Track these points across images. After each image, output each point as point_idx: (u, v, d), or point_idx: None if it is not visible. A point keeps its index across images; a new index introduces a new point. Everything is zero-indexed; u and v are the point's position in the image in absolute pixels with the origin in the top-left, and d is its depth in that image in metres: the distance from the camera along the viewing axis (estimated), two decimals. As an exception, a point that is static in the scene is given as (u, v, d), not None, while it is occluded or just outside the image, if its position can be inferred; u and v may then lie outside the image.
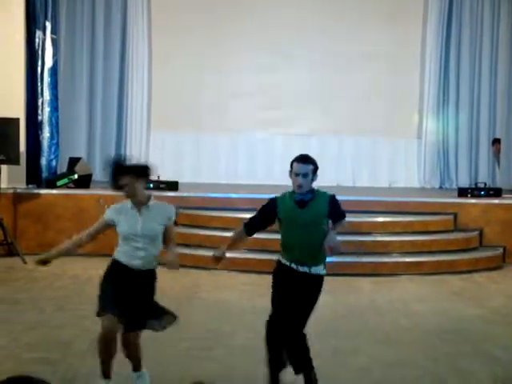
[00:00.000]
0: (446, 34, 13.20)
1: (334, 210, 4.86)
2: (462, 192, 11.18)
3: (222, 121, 13.16)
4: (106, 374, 4.81)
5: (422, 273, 9.49)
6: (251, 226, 5.00)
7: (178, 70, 13.19)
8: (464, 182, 12.98)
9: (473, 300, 8.21)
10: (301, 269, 4.75)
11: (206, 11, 13.23)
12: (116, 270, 4.93)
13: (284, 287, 4.79)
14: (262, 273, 9.26)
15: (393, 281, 9.18)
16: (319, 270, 4.81)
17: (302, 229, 4.71)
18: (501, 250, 10.45)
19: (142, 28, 13.13)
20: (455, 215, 10.57)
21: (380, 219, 10.29)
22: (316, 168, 4.83)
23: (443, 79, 13.27)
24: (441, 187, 13.20)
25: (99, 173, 12.92)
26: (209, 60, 13.23)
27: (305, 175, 4.75)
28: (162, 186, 10.92)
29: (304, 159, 4.84)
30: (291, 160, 4.89)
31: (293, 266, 4.76)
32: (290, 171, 4.82)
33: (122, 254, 4.97)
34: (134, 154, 13.24)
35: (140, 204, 4.87)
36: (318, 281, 4.81)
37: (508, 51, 13.07)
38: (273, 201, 4.89)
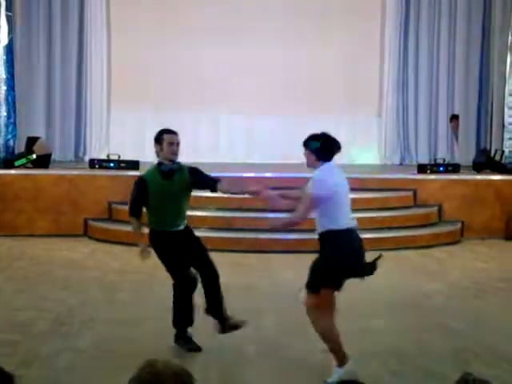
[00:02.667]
0: (405, 13, 13.24)
1: (200, 176, 5.45)
2: (422, 168, 11.30)
3: (183, 98, 13.02)
4: None
5: (383, 249, 9.50)
6: (137, 211, 5.47)
7: (137, 46, 12.99)
8: (424, 158, 13.11)
9: (432, 275, 8.34)
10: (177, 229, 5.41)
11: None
12: None
13: (175, 249, 5.37)
14: (222, 251, 9.29)
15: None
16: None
17: (171, 197, 5.26)
18: (459, 224, 10.61)
19: (100, 2, 12.88)
20: (415, 191, 10.68)
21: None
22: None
23: (402, 57, 13.33)
24: (401, 164, 13.31)
25: (59, 152, 12.74)
26: (168, 34, 13.05)
27: (178, 144, 5.36)
28: (122, 165, 10.82)
29: (174, 131, 5.43)
30: (162, 132, 5.38)
31: (168, 229, 5.38)
32: (159, 142, 5.31)
33: None
34: (95, 132, 13.08)
35: None
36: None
37: (465, 27, 13.19)
38: (142, 180, 5.41)
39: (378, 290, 7.46)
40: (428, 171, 11.18)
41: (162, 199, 5.33)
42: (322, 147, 5.03)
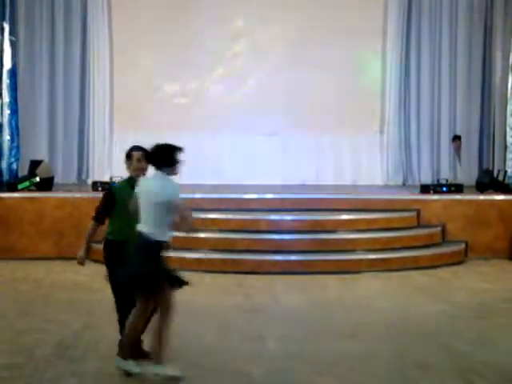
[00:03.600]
0: (407, 29, 13.31)
1: None
2: (425, 188, 11.30)
3: (186, 120, 13.08)
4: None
5: (387, 269, 9.57)
6: (102, 219, 5.79)
7: (138, 69, 13.10)
8: (427, 178, 13.13)
9: (436, 295, 8.31)
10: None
11: (168, 5, 13.13)
12: None
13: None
14: (225, 272, 9.28)
15: (358, 278, 9.24)
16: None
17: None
18: (463, 245, 10.59)
19: (103, 28, 12.99)
20: (418, 212, 10.68)
21: (344, 217, 10.35)
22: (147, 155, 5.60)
23: (404, 77, 13.40)
24: (404, 184, 13.33)
25: (61, 175, 12.78)
26: (169, 58, 13.14)
27: (140, 160, 5.69)
28: (125, 187, 10.81)
29: (136, 148, 5.77)
30: (132, 149, 5.76)
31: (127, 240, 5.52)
32: (129, 158, 5.73)
33: None
34: (97, 155, 13.13)
35: None
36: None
37: (467, 48, 13.28)
38: (111, 191, 5.78)
39: (381, 310, 7.45)
40: (431, 191, 11.18)
41: (127, 210, 5.53)
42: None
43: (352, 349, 6.10)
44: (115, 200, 5.67)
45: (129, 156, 5.77)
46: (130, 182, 5.68)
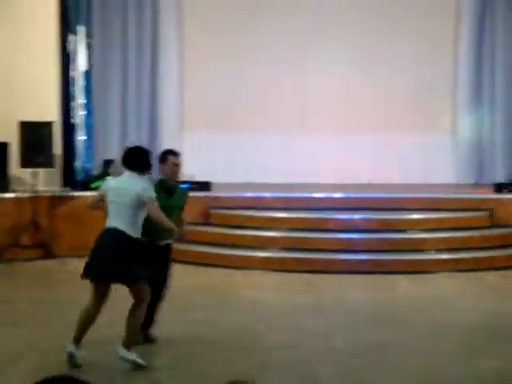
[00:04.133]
0: (480, 24, 12.97)
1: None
2: (498, 187, 11.02)
3: (256, 119, 13.12)
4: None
5: (459, 270, 9.38)
6: None
7: (209, 70, 13.18)
8: (500, 176, 12.79)
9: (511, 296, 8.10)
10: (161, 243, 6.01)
11: (239, 5, 13.20)
12: None
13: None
14: (295, 271, 9.27)
15: (429, 278, 9.09)
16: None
17: (167, 211, 5.62)
18: (539, 245, 10.27)
19: (174, 28, 13.14)
20: (491, 211, 10.42)
21: (415, 216, 10.21)
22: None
23: (476, 73, 13.08)
24: (476, 183, 13.02)
25: (133, 174, 13.01)
26: (238, 58, 13.20)
27: (180, 165, 6.02)
28: (195, 186, 10.96)
29: (175, 152, 6.06)
30: (165, 152, 6.07)
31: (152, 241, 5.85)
32: (163, 162, 5.95)
33: None
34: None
35: None
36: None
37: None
38: None
39: (454, 311, 7.31)
40: (505, 190, 10.89)
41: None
42: None
43: (425, 349, 6.01)
44: None
45: (163, 160, 5.97)
46: (164, 185, 5.94)
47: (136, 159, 5.60)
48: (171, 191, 6.00)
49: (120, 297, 5.74)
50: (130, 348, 5.51)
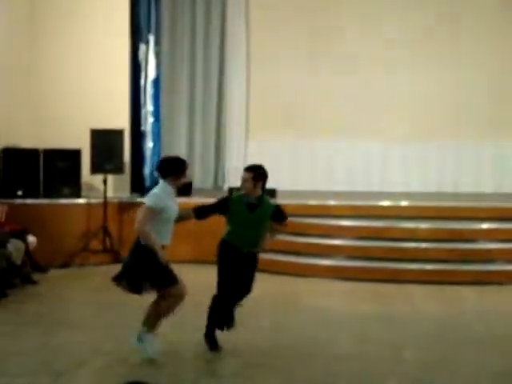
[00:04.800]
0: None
1: (278, 216, 6.15)
2: None
3: (320, 125, 13.07)
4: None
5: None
6: (202, 214, 6.42)
7: (275, 76, 13.21)
8: None
9: None
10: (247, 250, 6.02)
11: (304, 9, 13.18)
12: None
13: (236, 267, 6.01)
14: (360, 280, 9.19)
15: (498, 290, 8.87)
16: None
17: (249, 226, 5.95)
18: None
19: (240, 34, 13.24)
20: None
21: (484, 226, 9.98)
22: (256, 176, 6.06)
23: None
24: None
25: (198, 181, 13.16)
26: (303, 62, 13.19)
27: (248, 181, 6.06)
28: (260, 193, 10.99)
29: (246, 168, 6.22)
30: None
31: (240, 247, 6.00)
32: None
33: None
34: (233, 160, 13.40)
35: None
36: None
37: None
38: (226, 199, 6.29)
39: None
40: None
41: (242, 226, 6.00)
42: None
43: (492, 362, 5.87)
44: (227, 208, 6.11)
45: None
46: (244, 200, 6.08)
47: (159, 168, 6.17)
48: (253, 207, 6.07)
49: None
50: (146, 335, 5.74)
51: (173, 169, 6.00)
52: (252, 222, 6.02)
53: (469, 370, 5.71)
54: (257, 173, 6.07)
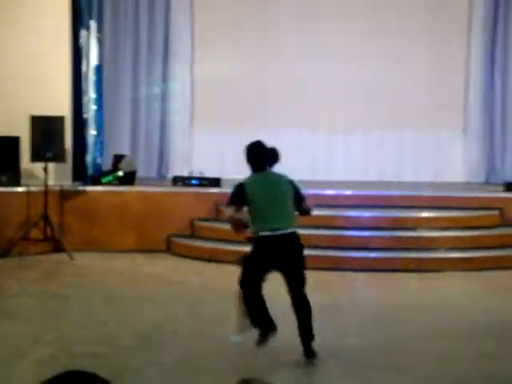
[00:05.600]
0: (493, 22, 12.89)
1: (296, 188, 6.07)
2: (509, 186, 10.97)
3: (264, 115, 13.09)
4: None
5: (470, 269, 9.34)
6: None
7: (220, 64, 13.18)
8: (511, 176, 12.72)
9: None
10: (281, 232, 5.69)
11: (248, 4, 13.17)
12: None
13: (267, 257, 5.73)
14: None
15: (439, 277, 9.05)
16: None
17: (273, 197, 5.81)
18: (549, 245, 10.23)
19: (185, 25, 13.15)
20: (502, 210, 10.37)
21: (424, 214, 10.17)
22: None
23: (489, 71, 13.02)
24: (487, 181, 12.96)
25: (143, 170, 13.03)
26: (248, 53, 13.17)
27: None
28: (204, 182, 10.97)
29: None
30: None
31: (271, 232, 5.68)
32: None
33: None
34: (178, 150, 13.31)
35: None
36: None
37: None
38: (241, 185, 5.92)
39: (464, 311, 7.28)
40: (515, 189, 10.84)
41: (264, 199, 5.73)
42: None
43: (433, 350, 5.99)
44: (245, 193, 5.80)
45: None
46: (260, 174, 6.00)
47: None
48: (268, 177, 6.06)
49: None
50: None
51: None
52: (272, 191, 5.90)
53: (409, 356, 5.81)
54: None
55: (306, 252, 5.95)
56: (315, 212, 6.48)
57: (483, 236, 9.93)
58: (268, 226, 5.64)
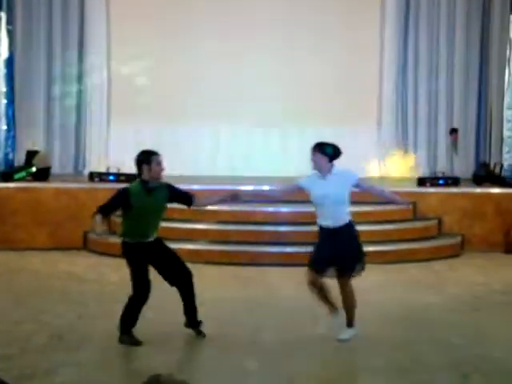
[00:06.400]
0: (404, 18, 13.25)
1: (177, 192, 6.01)
2: (421, 181, 11.30)
3: (183, 110, 13.03)
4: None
5: (382, 262, 9.56)
6: (108, 212, 5.91)
7: (136, 60, 13.04)
8: (423, 171, 13.11)
9: (432, 288, 8.32)
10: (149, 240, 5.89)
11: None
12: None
13: (145, 259, 5.91)
14: (223, 264, 9.26)
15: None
16: None
17: (151, 212, 5.83)
18: (459, 238, 10.60)
19: (100, 15, 12.91)
20: (414, 204, 10.66)
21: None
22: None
23: (402, 68, 13.36)
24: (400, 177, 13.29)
25: (58, 166, 12.74)
26: (166, 48, 13.08)
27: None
28: (122, 178, 10.83)
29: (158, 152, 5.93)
30: (150, 154, 5.86)
31: (141, 240, 5.84)
32: (149, 163, 5.79)
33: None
34: (94, 145, 13.09)
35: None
36: None
37: (464, 39, 13.20)
38: (125, 191, 5.87)
39: (376, 303, 7.45)
40: (428, 184, 11.18)
41: (143, 213, 5.80)
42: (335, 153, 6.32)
43: (346, 341, 6.10)
44: (128, 201, 5.78)
45: (147, 161, 5.80)
46: (147, 186, 5.83)
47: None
48: (152, 191, 5.84)
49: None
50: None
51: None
52: (152, 206, 5.90)
53: (322, 348, 5.91)
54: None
55: (225, 247, 5.95)
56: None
57: (396, 230, 10.20)
58: None
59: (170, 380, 2.29)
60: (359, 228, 6.52)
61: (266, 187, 10.84)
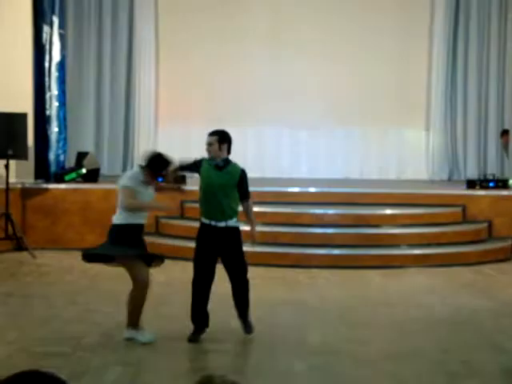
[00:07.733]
0: (454, 24, 13.10)
1: (243, 182, 6.04)
2: (471, 184, 11.13)
3: (232, 113, 13.09)
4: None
5: (431, 265, 9.47)
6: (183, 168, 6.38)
7: (185, 63, 13.15)
8: (473, 173, 12.92)
9: (482, 292, 8.18)
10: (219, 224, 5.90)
11: (211, 6, 13.15)
12: None
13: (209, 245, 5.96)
14: (271, 266, 9.26)
15: (402, 273, 9.16)
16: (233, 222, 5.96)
17: (218, 189, 5.90)
18: (510, 241, 10.40)
19: (149, 21, 13.08)
20: (464, 207, 10.53)
21: (388, 211, 10.26)
22: (221, 138, 6.01)
23: (451, 70, 13.19)
24: (449, 179, 13.14)
25: (107, 167, 12.93)
26: (214, 52, 13.17)
27: (210, 144, 6.01)
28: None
29: (211, 132, 6.12)
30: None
31: (212, 223, 5.90)
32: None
33: None
34: (142, 147, 13.23)
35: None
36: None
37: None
38: (200, 160, 6.13)
39: (425, 306, 7.37)
40: (477, 187, 11.02)
41: (211, 189, 5.91)
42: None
43: (395, 344, 6.05)
44: (200, 168, 6.03)
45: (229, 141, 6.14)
46: (215, 162, 6.02)
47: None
48: (220, 168, 6.02)
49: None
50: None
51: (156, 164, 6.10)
52: (219, 183, 5.96)
53: (371, 352, 5.86)
54: (221, 135, 6.09)
55: (273, 249, 5.98)
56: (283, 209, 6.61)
57: (445, 232, 10.07)
58: None
59: (223, 381, 2.29)
60: (409, 231, 6.45)
61: (312, 189, 10.87)
